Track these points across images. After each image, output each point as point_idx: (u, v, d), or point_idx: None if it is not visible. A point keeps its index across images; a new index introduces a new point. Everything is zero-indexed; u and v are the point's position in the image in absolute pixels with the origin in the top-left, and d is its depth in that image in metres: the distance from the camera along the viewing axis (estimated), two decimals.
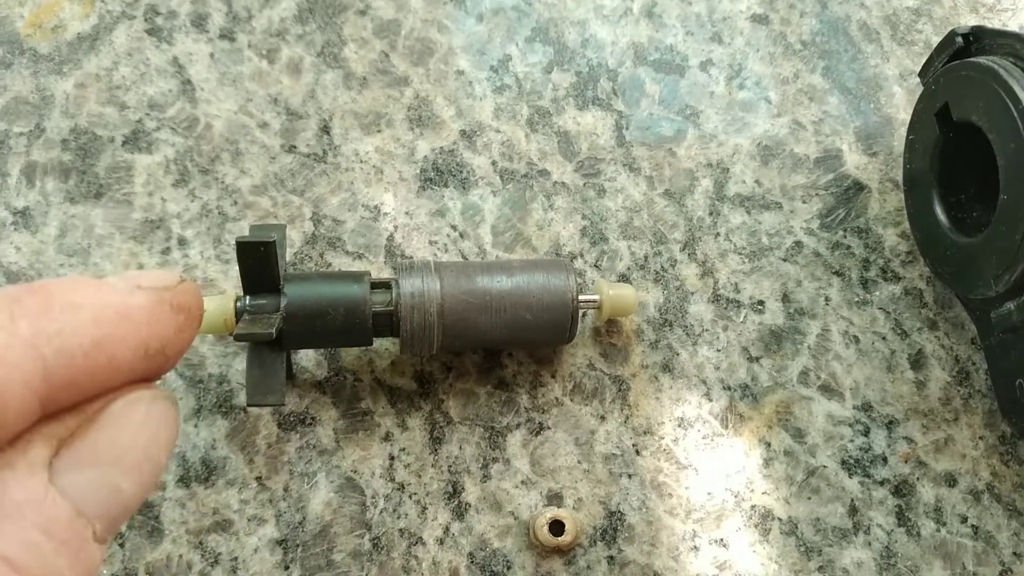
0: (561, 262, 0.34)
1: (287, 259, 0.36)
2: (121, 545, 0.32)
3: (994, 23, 0.41)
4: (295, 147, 0.38)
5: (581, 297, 0.34)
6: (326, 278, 0.32)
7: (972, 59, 0.33)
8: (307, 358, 0.35)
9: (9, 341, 0.18)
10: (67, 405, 0.19)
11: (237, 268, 0.31)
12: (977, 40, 0.33)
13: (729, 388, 0.36)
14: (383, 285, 0.32)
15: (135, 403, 0.20)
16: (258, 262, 0.30)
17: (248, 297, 0.31)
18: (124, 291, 0.20)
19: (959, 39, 0.34)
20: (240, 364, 0.35)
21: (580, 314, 0.34)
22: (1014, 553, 0.35)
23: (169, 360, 0.21)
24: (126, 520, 0.21)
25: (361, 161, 0.38)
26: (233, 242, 0.36)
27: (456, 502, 0.34)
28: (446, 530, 0.34)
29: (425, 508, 0.34)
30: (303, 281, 0.31)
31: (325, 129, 0.38)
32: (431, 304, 0.32)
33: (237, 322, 0.30)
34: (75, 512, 0.19)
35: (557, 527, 0.33)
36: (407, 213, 0.38)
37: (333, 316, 0.31)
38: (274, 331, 0.29)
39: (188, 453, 0.36)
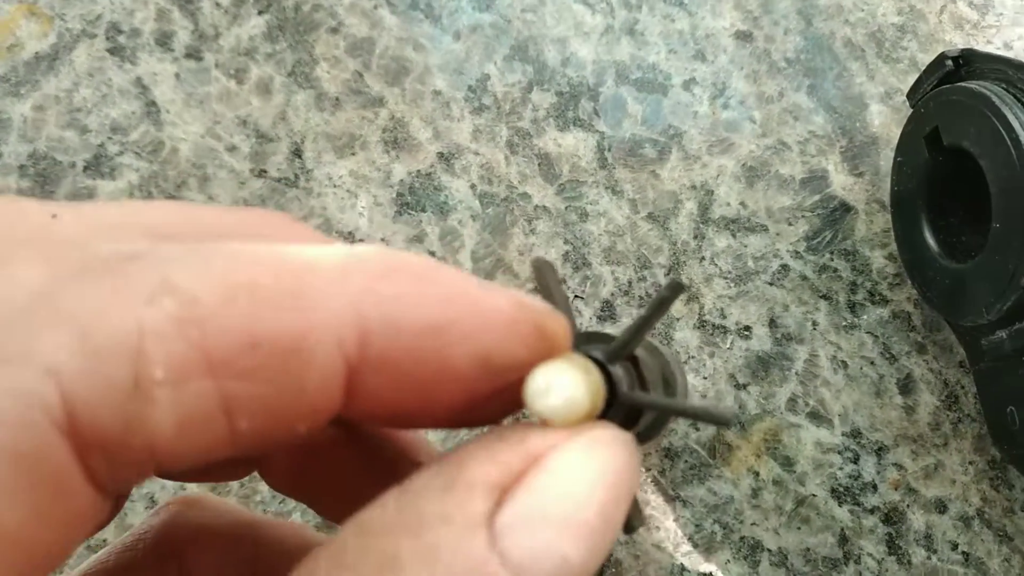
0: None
1: None
2: None
3: (978, 40, 0.40)
4: (265, 171, 0.37)
5: None
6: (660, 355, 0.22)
7: (963, 84, 0.32)
8: None
9: (332, 282, 0.14)
10: (374, 403, 0.15)
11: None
12: (967, 63, 0.33)
13: None
14: None
15: (595, 446, 0.15)
16: (657, 318, 0.18)
17: (619, 368, 0.18)
18: (482, 284, 0.16)
19: (949, 62, 0.33)
20: None
21: None
22: None
23: (506, 392, 0.16)
24: None
25: (335, 185, 0.37)
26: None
27: None
28: None
29: None
30: (652, 352, 0.21)
31: (297, 152, 0.37)
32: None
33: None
34: None
35: None
36: (383, 239, 0.36)
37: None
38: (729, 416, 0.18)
39: (157, 494, 0.34)
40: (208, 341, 0.13)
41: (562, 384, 0.15)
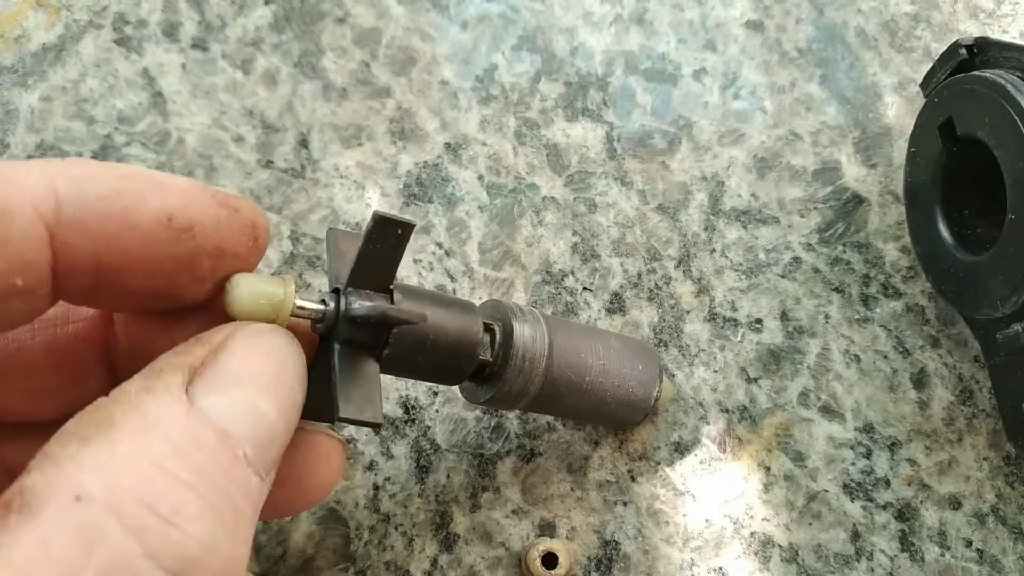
0: (655, 353, 0.33)
1: None
2: None
3: (994, 29, 0.39)
4: (272, 162, 0.36)
5: None
6: (439, 300, 0.26)
7: (977, 72, 0.31)
8: None
9: (28, 168, 0.18)
10: (82, 258, 0.19)
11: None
12: (981, 52, 0.32)
13: (727, 410, 0.35)
14: (486, 326, 0.28)
15: (258, 333, 0.21)
16: (386, 249, 0.23)
17: (352, 293, 0.23)
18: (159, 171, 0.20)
19: (963, 51, 0.32)
20: None
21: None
22: None
23: (200, 250, 0.20)
24: (276, 452, 0.20)
25: (341, 176, 0.37)
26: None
27: (444, 533, 0.33)
28: (434, 562, 0.33)
29: (412, 540, 0.33)
30: (415, 293, 0.25)
31: (303, 143, 0.37)
32: (539, 361, 0.28)
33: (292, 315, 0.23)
34: (219, 431, 0.18)
35: (550, 560, 0.32)
36: None
37: (440, 346, 0.26)
38: (417, 319, 0.24)
39: None
40: None
41: (245, 285, 0.21)
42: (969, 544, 0.34)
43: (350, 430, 0.33)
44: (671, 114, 0.38)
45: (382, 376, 0.25)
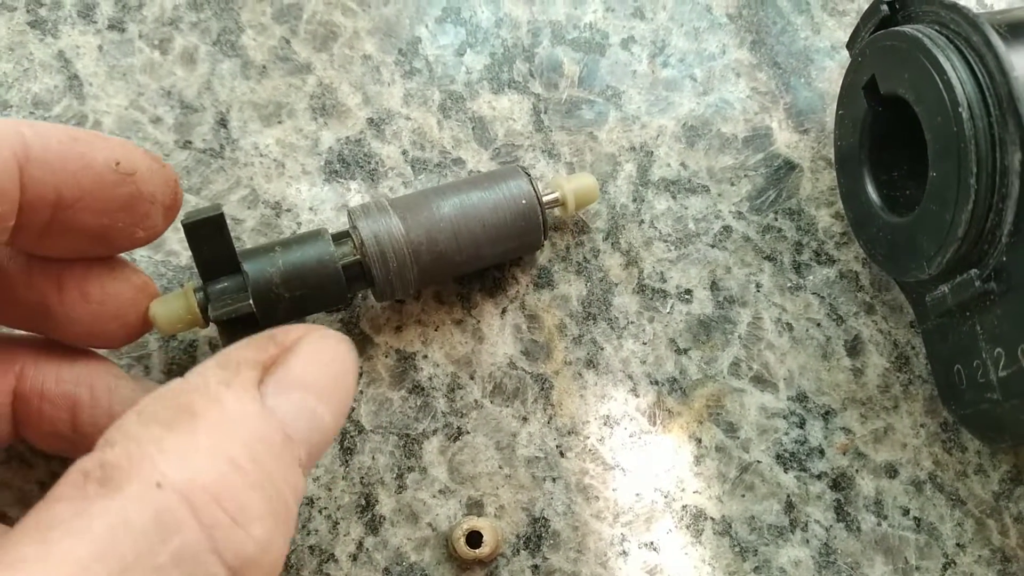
0: (514, 168, 0.33)
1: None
2: None
3: None
4: (190, 142, 0.36)
5: (544, 198, 0.33)
6: (284, 245, 0.30)
7: (897, 28, 0.31)
8: None
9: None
10: (45, 192, 0.22)
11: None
12: (903, 7, 0.32)
13: (656, 382, 0.34)
14: (343, 236, 0.31)
15: (325, 337, 0.23)
16: (211, 242, 0.28)
17: (208, 285, 0.29)
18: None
19: (884, 7, 0.32)
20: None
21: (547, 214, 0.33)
22: (957, 544, 0.33)
23: (139, 195, 0.25)
24: (323, 452, 0.22)
25: (261, 155, 0.36)
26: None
27: (370, 515, 0.32)
28: (359, 545, 0.32)
29: (336, 523, 0.32)
30: (261, 254, 0.29)
31: (222, 122, 0.36)
32: (398, 242, 0.30)
33: (203, 312, 0.29)
34: (284, 435, 0.20)
35: (475, 538, 0.31)
36: (311, 208, 0.35)
37: (303, 282, 0.29)
38: (252, 302, 0.28)
39: None
40: None
41: (160, 311, 0.28)
42: (906, 512, 0.34)
43: None
44: (599, 84, 0.37)
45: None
